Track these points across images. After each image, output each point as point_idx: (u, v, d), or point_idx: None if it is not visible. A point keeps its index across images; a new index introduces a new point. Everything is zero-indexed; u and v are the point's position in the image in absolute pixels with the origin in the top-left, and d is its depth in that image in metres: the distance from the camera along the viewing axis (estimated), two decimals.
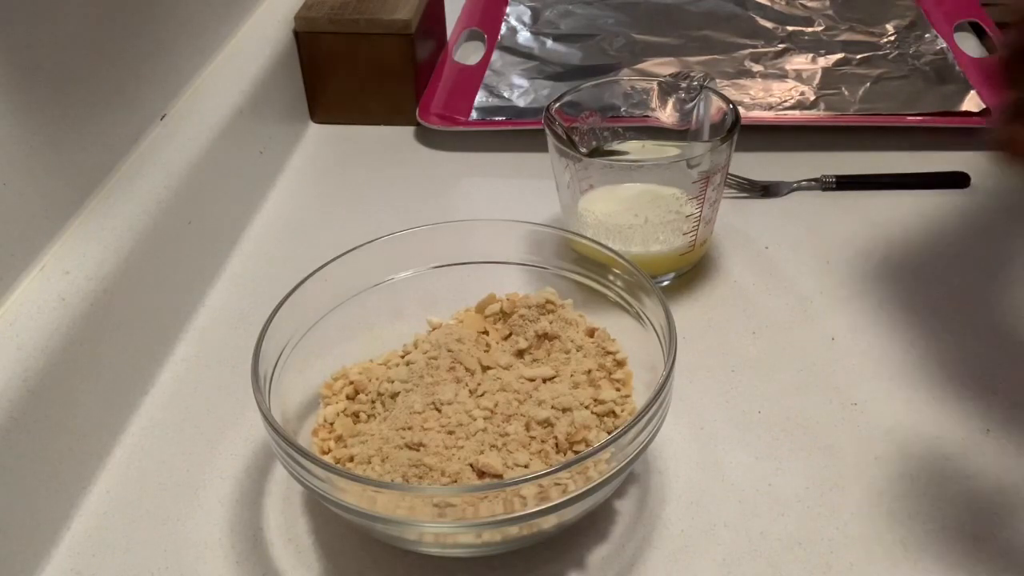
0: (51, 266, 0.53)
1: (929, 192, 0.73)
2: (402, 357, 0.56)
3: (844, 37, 0.92)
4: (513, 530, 0.46)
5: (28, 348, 0.49)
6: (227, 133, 0.69)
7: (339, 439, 0.51)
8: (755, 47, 0.91)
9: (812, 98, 0.83)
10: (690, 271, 0.66)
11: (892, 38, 0.92)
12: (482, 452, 0.48)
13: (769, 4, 0.98)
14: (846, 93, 0.83)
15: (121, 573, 0.49)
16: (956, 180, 0.73)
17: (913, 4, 0.97)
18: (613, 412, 0.51)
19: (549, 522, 0.46)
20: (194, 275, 0.66)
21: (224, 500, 0.53)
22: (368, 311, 0.56)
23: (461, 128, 0.82)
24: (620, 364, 0.53)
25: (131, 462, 0.55)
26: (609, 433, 0.49)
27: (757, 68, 0.88)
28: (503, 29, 0.96)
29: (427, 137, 0.83)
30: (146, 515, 0.52)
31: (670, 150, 0.67)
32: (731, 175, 0.72)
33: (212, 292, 0.67)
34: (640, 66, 0.89)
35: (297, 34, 0.81)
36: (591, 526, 0.50)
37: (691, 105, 0.66)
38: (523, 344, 0.55)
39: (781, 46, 0.91)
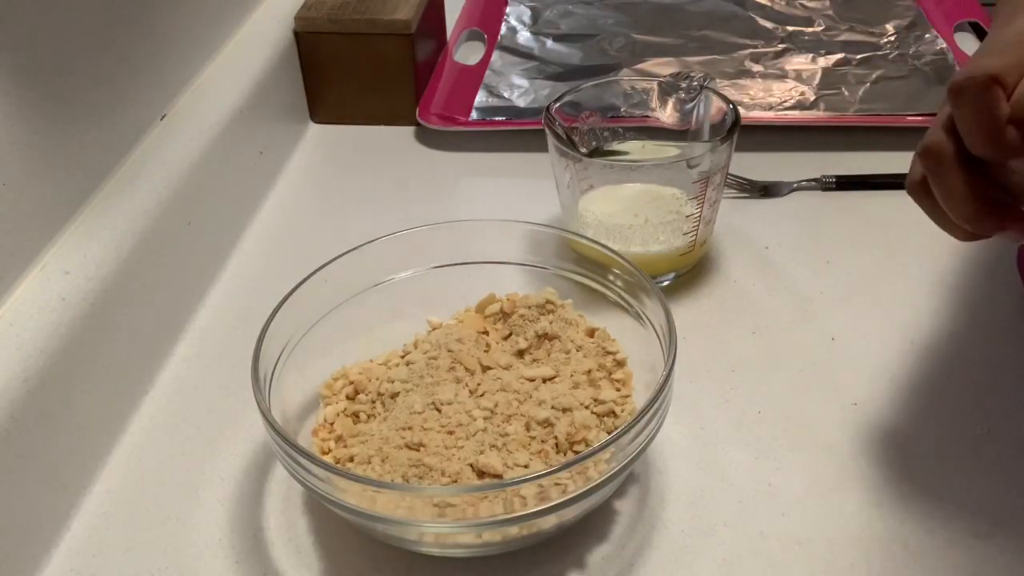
0: (51, 266, 0.53)
1: None
2: (402, 357, 0.56)
3: (844, 37, 0.92)
4: (513, 530, 0.46)
5: (28, 348, 0.49)
6: (227, 133, 0.69)
7: (339, 439, 0.51)
8: (755, 47, 0.91)
9: (812, 98, 0.83)
10: (690, 271, 0.66)
11: (892, 38, 0.92)
12: (482, 452, 0.48)
13: (769, 4, 0.98)
14: (846, 93, 0.83)
15: (121, 573, 0.49)
16: None
17: (913, 4, 0.97)
18: (613, 412, 0.51)
19: (549, 522, 0.46)
20: (194, 275, 0.66)
21: (224, 500, 0.53)
22: (368, 311, 0.56)
23: (461, 128, 0.82)
24: (620, 364, 0.53)
25: (131, 462, 0.55)
26: (609, 433, 0.49)
27: (757, 68, 0.88)
28: (503, 29, 0.96)
29: (427, 137, 0.83)
30: (146, 515, 0.52)
31: (670, 150, 0.67)
32: (731, 175, 0.72)
33: (212, 292, 0.67)
34: (640, 66, 0.89)
35: (297, 34, 0.81)
36: (591, 526, 0.50)
37: (691, 105, 0.66)
38: (523, 344, 0.55)
39: (781, 46, 0.91)
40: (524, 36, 0.95)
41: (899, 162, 0.76)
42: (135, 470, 0.55)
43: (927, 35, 0.91)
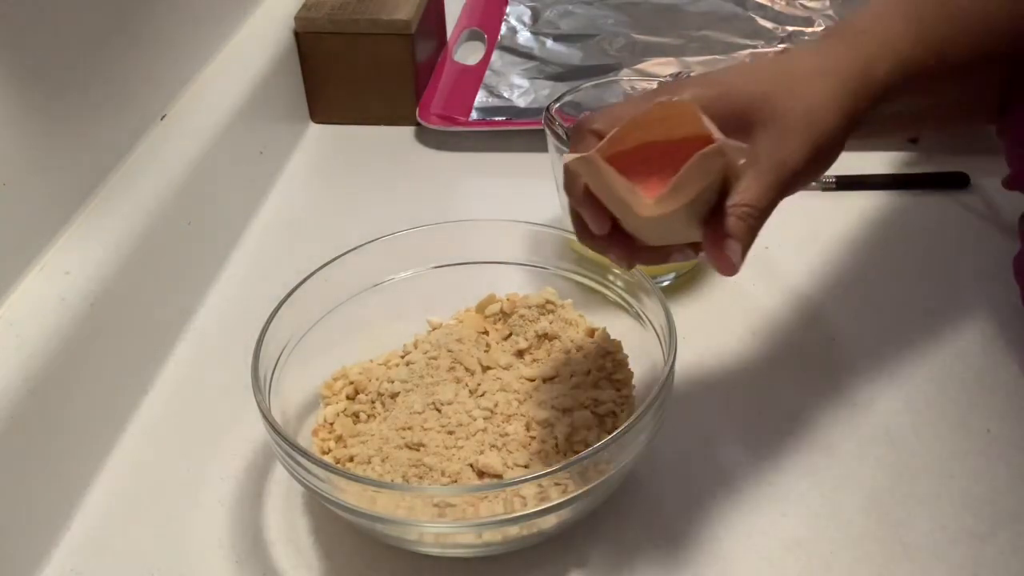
0: (51, 266, 0.53)
1: (929, 192, 0.73)
2: (402, 357, 0.56)
3: None
4: (513, 530, 0.46)
5: (28, 348, 0.49)
6: (227, 133, 0.69)
7: (339, 439, 0.51)
8: (755, 47, 0.91)
9: None
10: (690, 271, 0.66)
11: None
12: (482, 452, 0.48)
13: (769, 4, 0.98)
14: None
15: (121, 573, 0.49)
16: (956, 180, 0.73)
17: None
18: (613, 412, 0.51)
19: (549, 522, 0.46)
20: (194, 275, 0.66)
21: (224, 500, 0.53)
22: (368, 311, 0.56)
23: (461, 128, 0.82)
24: (620, 364, 0.53)
25: (131, 462, 0.55)
26: (609, 433, 0.49)
27: None
28: (503, 29, 0.96)
29: (427, 137, 0.83)
30: (146, 515, 0.52)
31: None
32: None
33: (212, 292, 0.67)
34: (640, 66, 0.89)
35: (297, 34, 0.81)
36: (591, 526, 0.50)
37: None
38: (523, 344, 0.55)
39: (781, 46, 0.91)
40: (524, 36, 0.95)
41: (899, 162, 0.76)
42: (135, 470, 0.55)
43: None
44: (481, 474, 0.47)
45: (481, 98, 0.86)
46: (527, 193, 0.73)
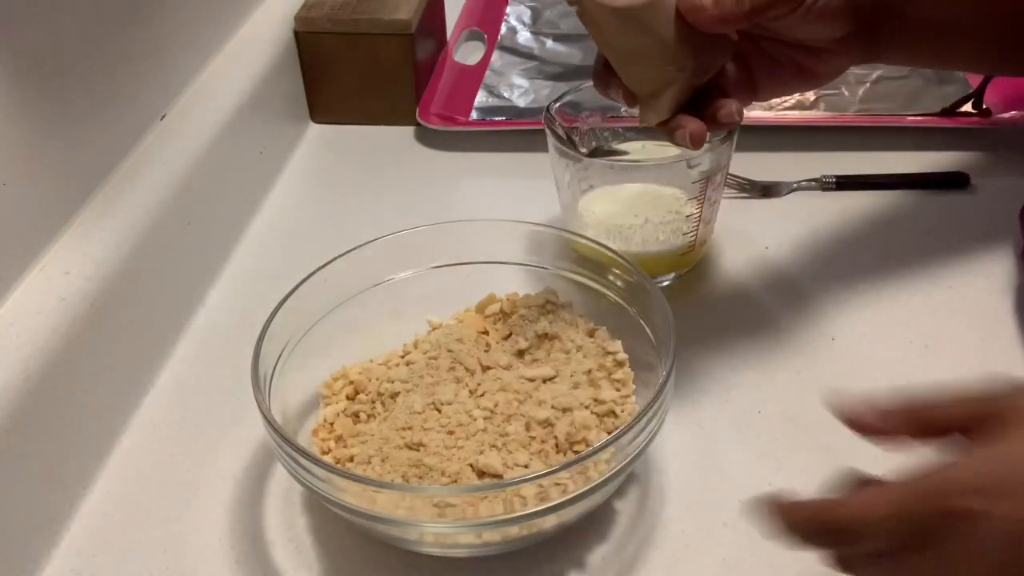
0: (51, 266, 0.53)
1: (929, 192, 0.73)
2: (402, 357, 0.56)
3: None
4: (513, 530, 0.46)
5: (28, 348, 0.49)
6: (227, 133, 0.69)
7: (339, 439, 0.52)
8: None
9: (812, 98, 0.83)
10: (690, 271, 0.66)
11: None
12: (482, 452, 0.48)
13: None
14: (846, 93, 0.83)
15: (121, 573, 0.49)
16: (956, 180, 0.73)
17: None
18: (613, 412, 0.51)
19: (549, 522, 0.46)
20: (194, 275, 0.66)
21: (224, 500, 0.53)
22: (368, 311, 0.56)
23: (461, 128, 0.82)
24: (620, 364, 0.53)
25: (131, 462, 0.55)
26: (609, 433, 0.49)
27: None
28: (503, 29, 0.96)
29: (427, 137, 0.83)
30: (146, 515, 0.52)
31: (670, 150, 0.67)
32: (731, 175, 0.72)
33: (212, 292, 0.67)
34: None
35: (297, 34, 0.81)
36: (591, 526, 0.50)
37: None
38: (523, 344, 0.55)
39: None
40: (524, 36, 0.95)
41: (899, 162, 0.76)
42: (135, 470, 0.55)
43: None
44: (481, 474, 0.47)
45: (481, 98, 0.86)
46: (527, 193, 0.73)
